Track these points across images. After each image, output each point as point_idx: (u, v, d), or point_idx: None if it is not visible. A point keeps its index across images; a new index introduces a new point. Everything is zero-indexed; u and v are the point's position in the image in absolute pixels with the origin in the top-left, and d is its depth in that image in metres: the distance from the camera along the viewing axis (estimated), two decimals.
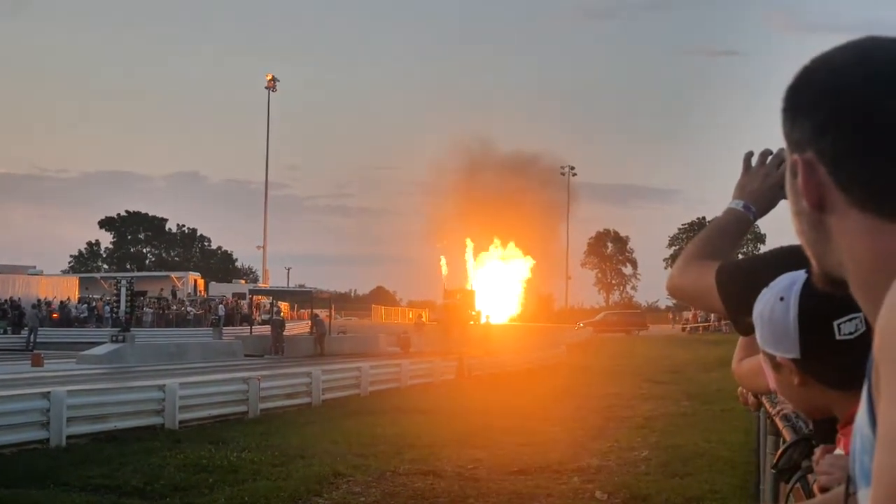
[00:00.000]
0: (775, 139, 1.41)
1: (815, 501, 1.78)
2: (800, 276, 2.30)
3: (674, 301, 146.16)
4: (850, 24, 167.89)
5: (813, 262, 1.41)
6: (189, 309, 75.63)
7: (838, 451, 2.30)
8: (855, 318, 2.21)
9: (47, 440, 18.80)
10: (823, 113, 1.31)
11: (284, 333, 57.85)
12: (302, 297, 77.87)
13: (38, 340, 57.10)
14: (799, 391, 2.35)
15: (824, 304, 2.18)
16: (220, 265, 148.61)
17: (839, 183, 1.30)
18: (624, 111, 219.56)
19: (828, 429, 2.45)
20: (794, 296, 2.29)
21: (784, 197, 1.77)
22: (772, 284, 2.39)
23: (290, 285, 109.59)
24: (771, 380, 2.42)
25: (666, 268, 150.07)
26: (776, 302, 2.32)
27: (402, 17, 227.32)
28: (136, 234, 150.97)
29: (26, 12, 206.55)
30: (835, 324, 2.24)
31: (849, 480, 1.37)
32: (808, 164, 1.32)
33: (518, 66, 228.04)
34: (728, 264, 2.77)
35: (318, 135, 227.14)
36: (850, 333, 2.22)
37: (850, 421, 1.62)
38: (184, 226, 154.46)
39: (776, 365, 2.36)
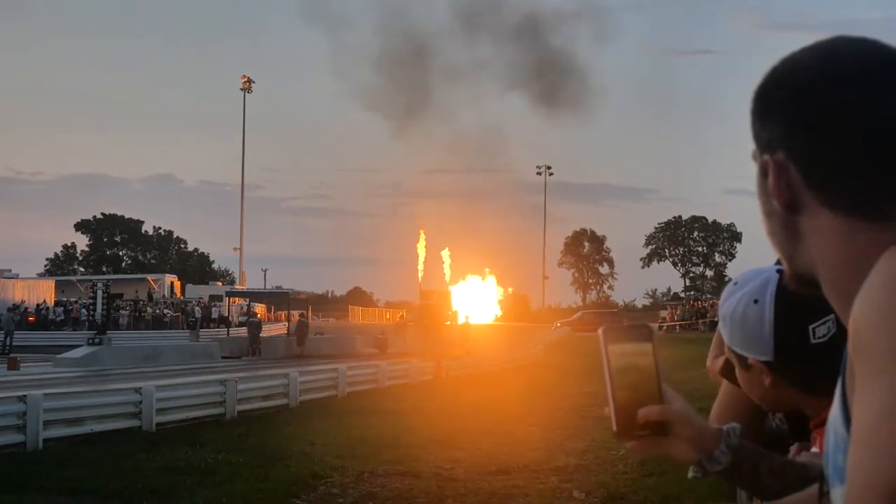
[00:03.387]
0: (747, 138, 1.41)
1: (788, 500, 1.79)
2: (771, 276, 2.29)
3: (651, 300, 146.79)
4: (820, 23, 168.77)
5: (784, 263, 1.42)
6: (166, 311, 75.39)
7: (814, 450, 2.30)
8: (828, 320, 2.20)
9: (24, 444, 18.70)
10: (794, 113, 1.32)
11: (261, 335, 57.76)
12: (279, 299, 77.67)
13: (14, 344, 56.91)
14: (769, 391, 2.34)
15: (799, 307, 2.17)
16: (197, 267, 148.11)
17: (810, 183, 1.30)
18: (599, 110, 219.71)
19: (799, 422, 2.44)
20: (770, 299, 2.27)
21: None
22: (740, 281, 2.37)
23: (266, 287, 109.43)
24: (739, 377, 2.41)
25: (643, 267, 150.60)
26: (749, 304, 2.30)
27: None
28: (112, 237, 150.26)
29: (2, 16, 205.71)
30: (809, 328, 2.23)
31: (823, 479, 1.38)
32: (779, 164, 1.33)
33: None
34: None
35: (294, 136, 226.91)
36: (823, 336, 2.22)
37: (823, 422, 1.63)
38: (160, 228, 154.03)
39: (746, 365, 2.35)
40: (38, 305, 72.39)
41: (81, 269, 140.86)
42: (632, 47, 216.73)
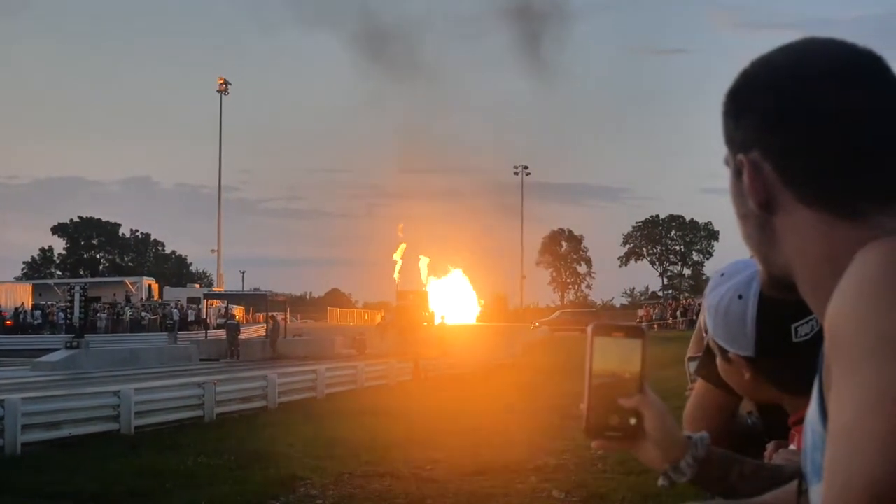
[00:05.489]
0: (721, 137, 1.41)
1: (766, 497, 1.79)
2: (757, 272, 2.29)
3: (629, 299, 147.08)
4: (793, 22, 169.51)
5: (760, 265, 1.42)
6: (143, 314, 75.19)
7: (792, 447, 2.30)
8: (811, 319, 2.20)
9: (1, 448, 18.60)
10: (769, 111, 1.32)
11: (240, 337, 57.66)
12: (257, 301, 77.52)
13: None
14: (749, 384, 2.35)
15: (782, 306, 2.16)
16: (175, 270, 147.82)
17: (787, 180, 1.31)
18: (574, 110, 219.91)
19: (775, 420, 2.44)
20: (754, 296, 2.27)
21: None
22: (727, 272, 2.36)
23: (244, 289, 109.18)
24: (720, 367, 2.41)
25: (620, 266, 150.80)
26: (734, 298, 2.30)
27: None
28: (89, 240, 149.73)
29: None
30: (792, 327, 2.23)
31: (801, 477, 1.38)
32: (754, 163, 1.33)
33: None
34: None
35: (270, 137, 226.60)
36: (806, 335, 2.22)
37: (802, 420, 1.63)
38: (137, 231, 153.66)
39: (727, 357, 2.35)
40: (15, 309, 72.15)
41: (59, 273, 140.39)
42: (607, 46, 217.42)
